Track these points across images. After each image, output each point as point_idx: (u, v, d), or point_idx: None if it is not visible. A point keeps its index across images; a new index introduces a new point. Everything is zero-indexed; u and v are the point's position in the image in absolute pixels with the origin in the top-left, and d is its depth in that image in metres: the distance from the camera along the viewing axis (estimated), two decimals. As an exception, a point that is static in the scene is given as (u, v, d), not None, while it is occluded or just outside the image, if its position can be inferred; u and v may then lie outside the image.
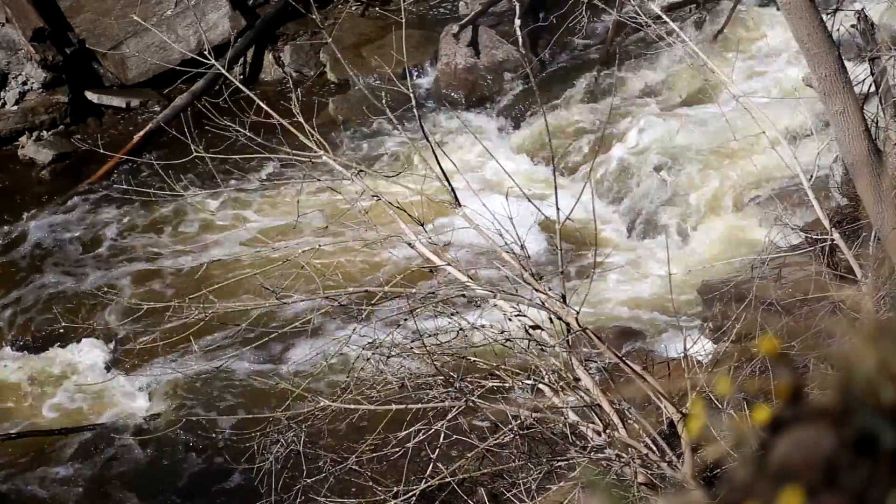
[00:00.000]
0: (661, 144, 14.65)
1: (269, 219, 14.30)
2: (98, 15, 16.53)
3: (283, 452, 7.67)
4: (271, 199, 14.65)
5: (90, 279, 13.80)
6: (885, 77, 8.48)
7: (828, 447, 1.45)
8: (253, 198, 14.64)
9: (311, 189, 12.22)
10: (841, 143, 8.13)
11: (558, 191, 7.34)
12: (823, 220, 8.29)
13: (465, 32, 16.48)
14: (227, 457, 11.11)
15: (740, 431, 1.59)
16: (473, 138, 14.09)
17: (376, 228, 7.73)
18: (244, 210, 14.44)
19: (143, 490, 11.41)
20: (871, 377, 1.47)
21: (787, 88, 13.83)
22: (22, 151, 15.82)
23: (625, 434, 6.96)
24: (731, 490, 1.52)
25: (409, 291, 7.38)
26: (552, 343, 7.14)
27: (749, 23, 16.12)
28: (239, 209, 14.47)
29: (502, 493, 7.51)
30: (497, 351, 7.51)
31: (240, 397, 12.05)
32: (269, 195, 14.66)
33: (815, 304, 8.41)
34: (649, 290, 13.04)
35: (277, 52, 17.08)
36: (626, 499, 6.78)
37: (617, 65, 14.84)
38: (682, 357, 7.77)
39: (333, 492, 7.81)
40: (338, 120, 15.76)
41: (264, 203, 14.63)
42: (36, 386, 12.54)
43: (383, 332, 7.63)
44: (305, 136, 7.79)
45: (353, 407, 7.42)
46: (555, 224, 7.23)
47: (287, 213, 13.80)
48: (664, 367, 8.96)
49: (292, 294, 7.72)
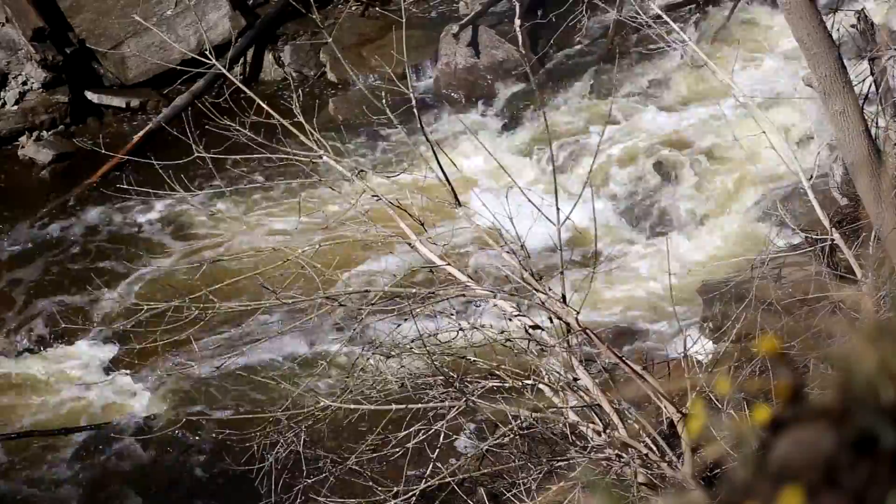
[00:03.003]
0: (661, 144, 14.65)
1: (270, 219, 14.30)
2: (98, 15, 16.54)
3: (283, 452, 7.67)
4: (271, 199, 14.65)
5: (90, 279, 13.80)
6: (885, 77, 8.49)
7: (828, 447, 1.45)
8: (253, 198, 14.64)
9: (311, 189, 12.23)
10: (841, 143, 8.13)
11: (558, 191, 7.34)
12: (823, 220, 8.29)
13: (465, 32, 16.48)
14: (227, 457, 11.10)
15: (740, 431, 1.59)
16: (473, 138, 14.10)
17: (376, 228, 7.73)
18: (244, 210, 14.44)
19: (143, 490, 11.41)
20: (871, 377, 1.47)
21: (787, 88, 13.83)
22: (22, 151, 15.82)
23: (625, 434, 6.96)
24: (731, 490, 1.52)
25: (409, 291, 7.38)
26: (552, 343, 7.14)
27: (749, 23, 16.12)
28: (239, 209, 14.48)
29: (502, 493, 7.51)
30: (497, 351, 7.51)
31: (240, 397, 12.05)
32: (270, 195, 14.66)
33: (815, 304, 8.40)
34: (649, 289, 13.05)
35: (277, 52, 17.09)
36: (626, 499, 6.78)
37: (617, 64, 14.84)
38: (682, 357, 7.77)
39: (333, 492, 7.81)
40: (338, 120, 15.75)
41: (264, 203, 14.63)
42: (36, 386, 12.54)
43: (383, 332, 7.63)
44: (305, 136, 7.79)
45: (353, 407, 7.42)
46: (554, 224, 7.23)
47: (287, 213, 13.80)
48: (664, 367, 8.95)
49: (292, 294, 7.72)
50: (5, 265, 14.14)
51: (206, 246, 13.83)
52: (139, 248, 14.25)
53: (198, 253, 13.74)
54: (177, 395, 12.20)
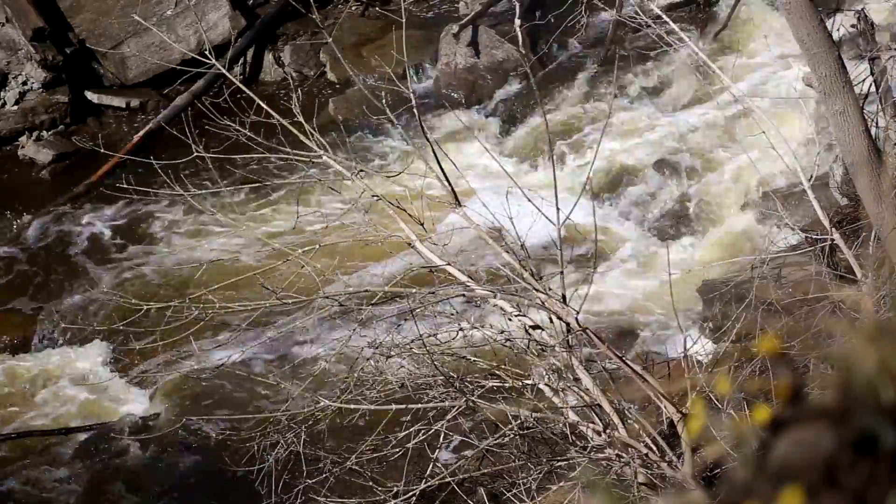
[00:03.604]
0: (661, 144, 14.66)
1: (270, 219, 14.30)
2: (98, 15, 16.53)
3: (283, 453, 7.67)
4: (271, 199, 14.65)
5: (90, 279, 13.81)
6: (885, 77, 8.49)
7: (828, 447, 1.45)
8: (253, 197, 14.64)
9: (311, 189, 12.23)
10: (841, 143, 8.13)
11: (558, 191, 7.33)
12: (823, 220, 8.29)
13: (465, 32, 16.48)
14: (227, 457, 11.10)
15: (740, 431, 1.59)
16: (473, 138, 14.10)
17: (376, 228, 7.73)
18: (244, 210, 14.44)
19: (143, 490, 11.41)
20: (871, 377, 1.47)
21: (787, 88, 13.83)
22: (22, 151, 15.82)
23: (625, 434, 6.96)
24: (731, 490, 1.52)
25: (409, 291, 7.38)
26: (552, 343, 7.14)
27: (749, 23, 16.12)
28: (239, 209, 14.47)
29: (502, 493, 7.51)
30: (497, 351, 7.51)
31: (240, 397, 12.05)
32: (269, 195, 14.66)
33: (815, 304, 8.40)
34: (649, 290, 13.04)
35: (277, 52, 17.09)
36: (626, 499, 6.78)
37: (617, 65, 14.83)
38: (682, 357, 7.77)
39: (333, 492, 7.81)
40: (338, 120, 15.75)
41: (264, 203, 14.63)
42: (36, 386, 12.54)
43: (383, 332, 7.63)
44: (305, 136, 7.79)
45: (353, 407, 7.42)
46: (554, 224, 7.23)
47: (287, 213, 13.80)
48: (664, 367, 8.95)
49: (292, 294, 7.72)
50: (5, 265, 14.14)
51: (207, 246, 13.82)
52: (139, 248, 14.24)
53: (198, 253, 13.73)
54: (177, 395, 12.20)
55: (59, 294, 13.63)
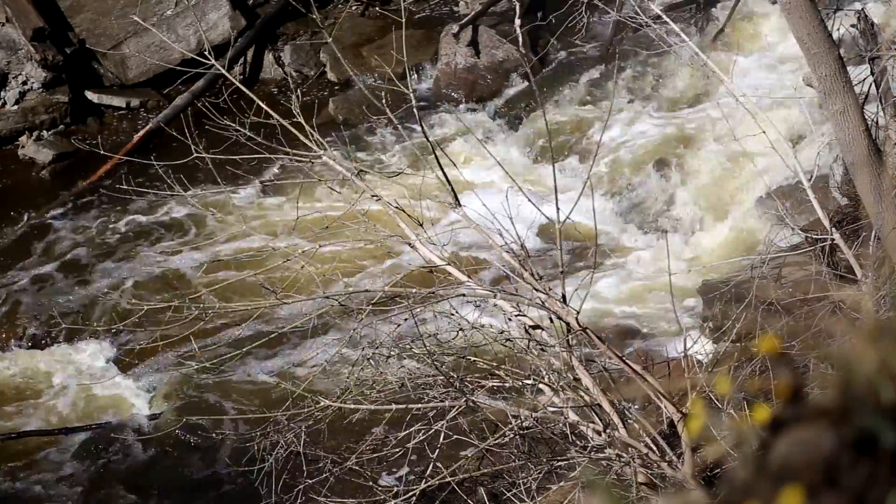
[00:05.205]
0: (661, 144, 14.66)
1: (270, 219, 14.30)
2: (98, 15, 16.53)
3: (283, 453, 7.67)
4: (271, 199, 14.65)
5: (90, 279, 13.81)
6: (885, 77, 8.49)
7: (828, 447, 1.45)
8: (253, 198, 14.64)
9: (311, 189, 12.23)
10: (841, 143, 8.13)
11: (558, 191, 7.33)
12: (823, 220, 8.29)
13: (465, 32, 16.48)
14: (228, 457, 11.11)
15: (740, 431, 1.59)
16: (473, 138, 14.10)
17: (376, 228, 7.73)
18: (244, 210, 14.44)
19: (143, 490, 11.41)
20: (871, 377, 1.47)
21: (787, 88, 13.82)
22: (22, 151, 15.82)
23: (625, 434, 6.96)
24: (731, 490, 1.52)
25: (409, 291, 7.38)
26: (552, 343, 7.13)
27: (749, 23, 16.13)
28: (239, 209, 14.47)
29: (502, 493, 7.51)
30: (497, 351, 7.51)
31: (240, 397, 12.05)
32: (269, 195, 14.66)
33: (815, 304, 8.40)
34: (649, 290, 13.05)
35: (277, 52, 17.08)
36: (626, 499, 6.77)
37: (617, 65, 14.84)
38: (682, 357, 7.77)
39: (334, 492, 7.81)
40: (338, 120, 15.76)
41: (264, 203, 14.63)
42: (36, 386, 12.54)
43: (383, 332, 7.63)
44: (305, 136, 7.79)
45: (353, 407, 7.42)
46: (555, 224, 7.23)
47: (287, 213, 13.79)
48: (664, 367, 8.95)
49: (292, 294, 7.72)
50: (5, 265, 14.14)
51: (207, 246, 13.82)
52: (139, 247, 14.24)
53: (198, 253, 13.74)
54: (177, 395, 12.20)
55: (58, 294, 13.63)
